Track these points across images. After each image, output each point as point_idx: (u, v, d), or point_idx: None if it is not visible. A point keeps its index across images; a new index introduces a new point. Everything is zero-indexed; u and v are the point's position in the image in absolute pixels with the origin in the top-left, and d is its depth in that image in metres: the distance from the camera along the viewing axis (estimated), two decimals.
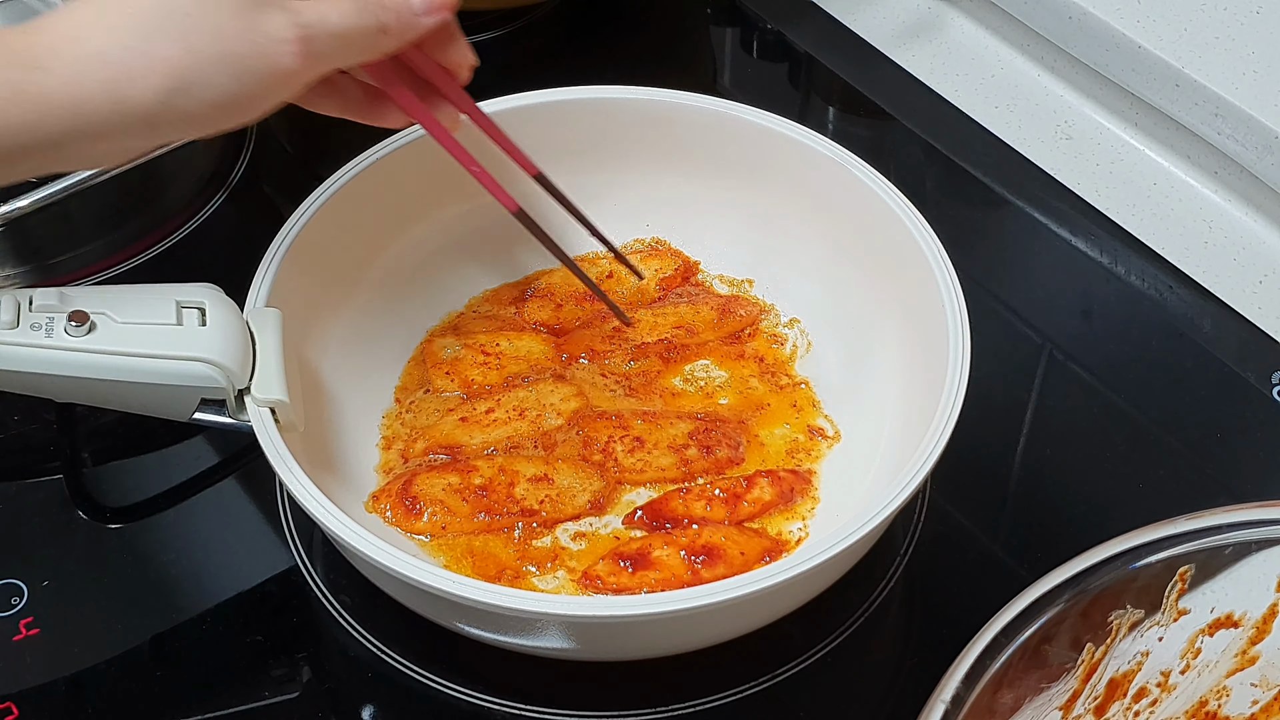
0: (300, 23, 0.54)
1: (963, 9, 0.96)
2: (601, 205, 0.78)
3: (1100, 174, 0.87)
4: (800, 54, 0.98)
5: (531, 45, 0.98)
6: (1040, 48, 0.92)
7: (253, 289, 0.66)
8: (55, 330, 0.60)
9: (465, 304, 0.77)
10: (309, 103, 0.62)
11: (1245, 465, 0.74)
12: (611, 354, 0.74)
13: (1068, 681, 0.52)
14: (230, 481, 0.73)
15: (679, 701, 0.64)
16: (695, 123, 0.76)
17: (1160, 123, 0.86)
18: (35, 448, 0.75)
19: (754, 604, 0.57)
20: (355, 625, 0.67)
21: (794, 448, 0.71)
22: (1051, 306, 0.83)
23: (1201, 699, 0.56)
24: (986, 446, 0.74)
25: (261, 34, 0.54)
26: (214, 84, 0.53)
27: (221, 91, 0.54)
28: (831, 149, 0.73)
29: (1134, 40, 0.83)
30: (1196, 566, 0.53)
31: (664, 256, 0.79)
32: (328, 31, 0.55)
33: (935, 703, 0.47)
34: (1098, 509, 0.72)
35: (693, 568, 0.65)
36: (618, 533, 0.68)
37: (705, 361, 0.75)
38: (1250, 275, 0.81)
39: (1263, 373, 0.77)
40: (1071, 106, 0.91)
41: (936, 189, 0.89)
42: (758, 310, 0.76)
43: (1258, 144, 0.79)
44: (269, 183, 0.89)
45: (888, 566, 0.69)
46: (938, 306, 0.66)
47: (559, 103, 0.75)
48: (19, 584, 0.67)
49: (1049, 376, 0.79)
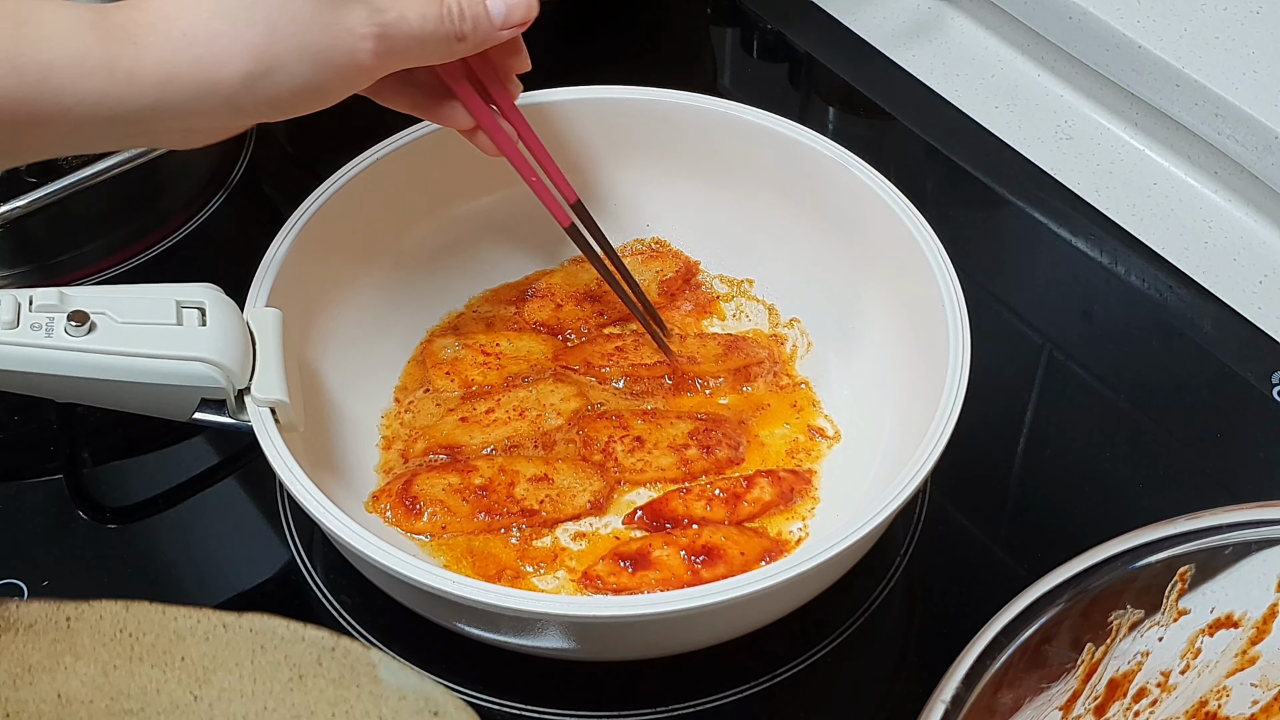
0: (380, 21, 0.57)
1: (963, 9, 0.96)
2: (601, 205, 0.78)
3: (1100, 174, 0.87)
4: (800, 54, 0.98)
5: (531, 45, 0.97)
6: (1040, 48, 0.92)
7: (253, 289, 0.66)
8: (55, 330, 0.60)
9: (465, 304, 0.77)
10: (379, 95, 0.64)
11: (1245, 465, 0.74)
12: (610, 373, 0.74)
13: (1068, 681, 0.52)
14: (230, 481, 0.73)
15: (679, 701, 0.64)
16: (695, 123, 0.76)
17: (1160, 123, 0.86)
18: (35, 448, 0.75)
19: (754, 604, 0.57)
20: (355, 625, 0.67)
21: (794, 448, 0.71)
22: (1051, 306, 0.83)
23: (1201, 699, 0.56)
24: (986, 446, 0.74)
25: (342, 28, 0.56)
26: (294, 71, 0.56)
27: (301, 79, 0.56)
28: (831, 149, 0.73)
29: (1134, 40, 0.83)
30: (1196, 566, 0.53)
31: (664, 258, 0.79)
32: (405, 32, 0.58)
33: (935, 703, 0.47)
34: (1098, 509, 0.72)
35: (693, 568, 0.65)
36: (618, 533, 0.68)
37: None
38: (1250, 275, 0.81)
39: (1263, 373, 0.77)
40: (1071, 106, 0.91)
41: (936, 189, 0.89)
42: (764, 353, 0.75)
43: (1258, 144, 0.79)
44: (269, 183, 0.89)
45: (888, 566, 0.69)
46: (938, 306, 0.66)
47: (559, 103, 0.75)
48: (19, 584, 0.67)
49: (1049, 376, 0.79)
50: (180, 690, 0.48)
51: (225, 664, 0.48)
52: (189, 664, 0.48)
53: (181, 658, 0.48)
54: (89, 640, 0.48)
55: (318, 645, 0.47)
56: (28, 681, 0.46)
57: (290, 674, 0.47)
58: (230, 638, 0.48)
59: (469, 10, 0.60)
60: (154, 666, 0.48)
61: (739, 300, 0.78)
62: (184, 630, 0.48)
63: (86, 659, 0.48)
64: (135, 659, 0.48)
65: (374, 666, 0.47)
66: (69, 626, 0.48)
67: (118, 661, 0.48)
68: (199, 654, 0.48)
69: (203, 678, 0.48)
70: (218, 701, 0.47)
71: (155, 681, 0.48)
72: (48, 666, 0.48)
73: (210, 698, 0.48)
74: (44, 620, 0.48)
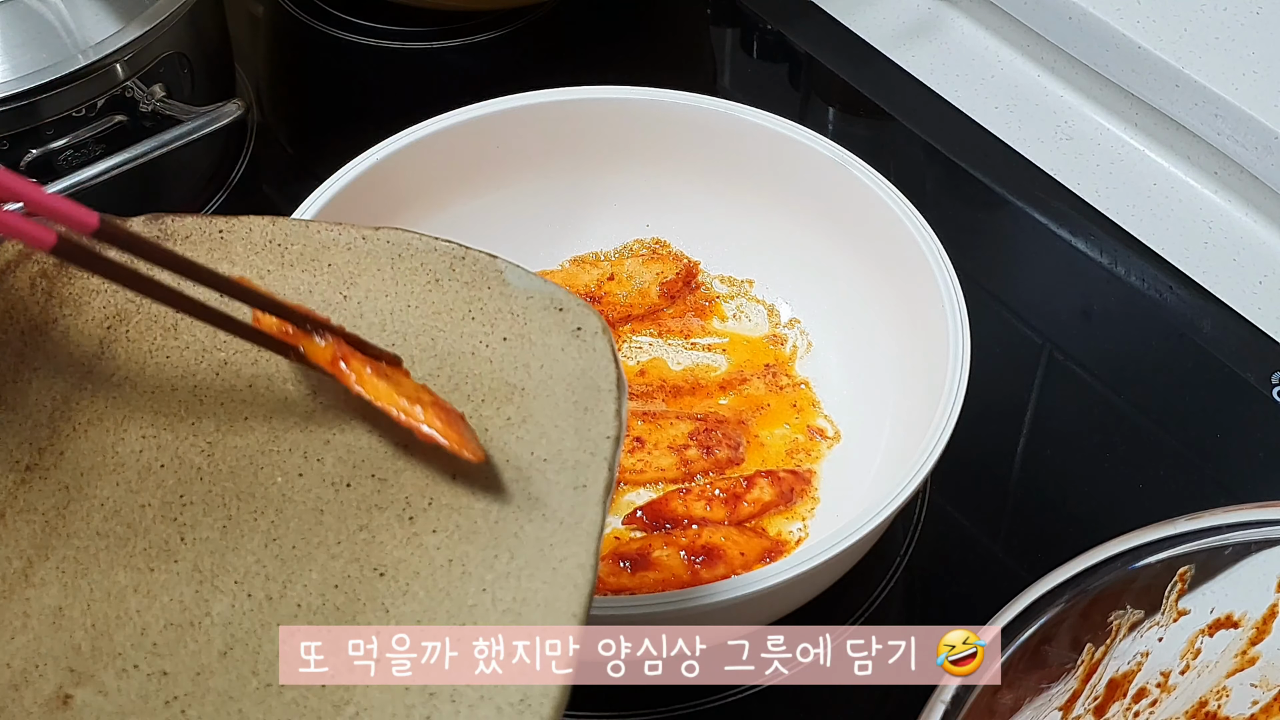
0: None
1: (963, 9, 0.96)
2: (601, 205, 0.78)
3: (1100, 174, 0.87)
4: (800, 54, 0.98)
5: (531, 45, 0.97)
6: (1040, 48, 0.92)
7: None
8: None
9: None
10: None
11: (1245, 465, 0.74)
12: None
13: (1068, 682, 0.52)
14: None
15: (679, 701, 0.64)
16: (695, 123, 0.76)
17: (1160, 123, 0.86)
18: None
19: (754, 604, 0.57)
20: None
21: (794, 448, 0.71)
22: (1051, 306, 0.83)
23: (1201, 699, 0.56)
24: (986, 446, 0.74)
25: None
26: None
27: None
28: (831, 149, 0.73)
29: (1134, 40, 0.83)
30: (1196, 567, 0.53)
31: (665, 260, 0.79)
32: None
33: (935, 703, 0.47)
34: (1098, 509, 0.72)
35: (693, 568, 0.65)
36: (618, 533, 0.68)
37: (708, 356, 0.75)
38: (1250, 276, 0.81)
39: (1263, 373, 0.77)
40: (1071, 107, 0.91)
41: (936, 189, 0.89)
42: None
43: (1258, 144, 0.79)
44: (269, 183, 0.89)
45: (888, 566, 0.69)
46: (938, 306, 0.66)
47: (559, 103, 0.75)
48: None
49: (1049, 376, 0.79)
50: (331, 290, 0.51)
51: (368, 269, 0.51)
52: (335, 269, 0.51)
53: (328, 264, 0.51)
54: (242, 249, 0.52)
55: (449, 254, 0.51)
56: (190, 284, 0.47)
57: (427, 277, 0.51)
58: (370, 247, 0.51)
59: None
60: (304, 271, 0.51)
61: (739, 301, 0.78)
62: (327, 241, 0.51)
63: (241, 265, 0.51)
64: (286, 265, 0.51)
65: (501, 272, 0.50)
66: (222, 238, 0.52)
67: (270, 268, 0.51)
68: (343, 261, 0.51)
69: (349, 280, 0.51)
70: (365, 300, 0.51)
71: (306, 284, 0.51)
72: None
73: (358, 296, 0.51)
74: (199, 232, 0.52)
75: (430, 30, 0.97)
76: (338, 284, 0.51)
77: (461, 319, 0.50)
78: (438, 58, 0.96)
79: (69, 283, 0.51)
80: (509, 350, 0.49)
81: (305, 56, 0.98)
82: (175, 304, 0.46)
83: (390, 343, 0.50)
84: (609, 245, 0.79)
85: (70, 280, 0.51)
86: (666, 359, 0.75)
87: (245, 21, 0.99)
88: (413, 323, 0.50)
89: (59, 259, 0.50)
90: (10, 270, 0.51)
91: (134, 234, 0.44)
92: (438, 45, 0.96)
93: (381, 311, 0.51)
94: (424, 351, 0.50)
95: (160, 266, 0.45)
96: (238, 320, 0.48)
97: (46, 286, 0.51)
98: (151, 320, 0.51)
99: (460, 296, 0.50)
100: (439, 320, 0.50)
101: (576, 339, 0.48)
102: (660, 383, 0.74)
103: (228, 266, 0.51)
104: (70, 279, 0.51)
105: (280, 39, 1.00)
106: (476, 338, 0.49)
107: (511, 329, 0.49)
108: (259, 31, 1.00)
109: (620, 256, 0.79)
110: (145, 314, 0.51)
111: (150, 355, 0.51)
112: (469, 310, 0.50)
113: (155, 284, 0.45)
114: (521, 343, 0.49)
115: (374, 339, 0.49)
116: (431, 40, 0.96)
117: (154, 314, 0.51)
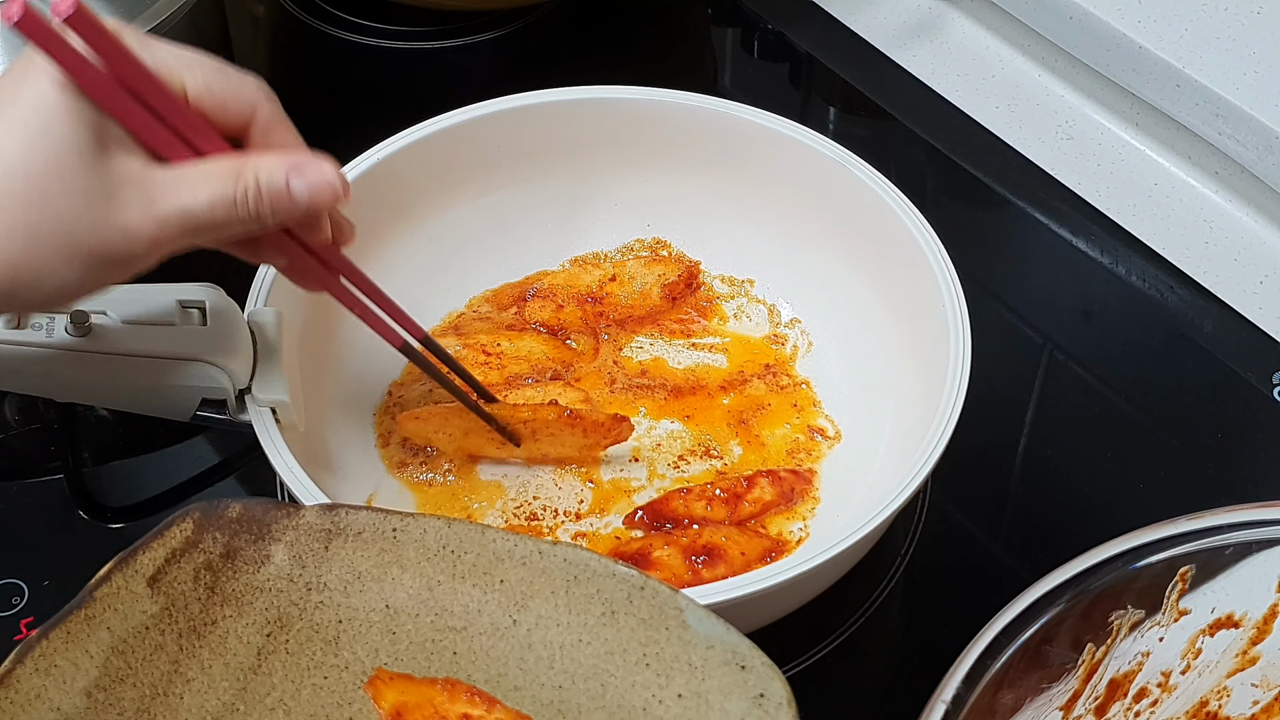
0: (157, 214, 0.51)
1: (963, 9, 0.96)
2: (601, 205, 0.78)
3: (1100, 174, 0.87)
4: (801, 54, 0.98)
5: (531, 45, 0.98)
6: (1040, 48, 0.92)
7: (253, 289, 0.66)
8: (56, 330, 0.60)
9: (465, 304, 0.77)
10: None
11: (1245, 465, 0.74)
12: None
13: (1068, 682, 0.52)
14: (230, 481, 0.73)
15: None
16: (695, 123, 0.76)
17: (1161, 123, 0.86)
18: (35, 448, 0.75)
19: (754, 604, 0.57)
20: None
21: (794, 448, 0.71)
22: (1051, 306, 0.83)
23: (1202, 699, 0.56)
24: (986, 446, 0.74)
25: (114, 226, 0.51)
26: (62, 275, 0.51)
27: (73, 281, 0.51)
28: (832, 149, 0.73)
29: (1134, 40, 0.83)
30: (1197, 567, 0.53)
31: (667, 263, 0.79)
32: (191, 221, 0.52)
33: (935, 703, 0.47)
34: (1098, 509, 0.72)
35: (693, 568, 0.65)
36: (618, 533, 0.68)
37: (709, 356, 0.75)
38: (1250, 275, 0.81)
39: (1263, 373, 0.77)
40: (1071, 106, 0.91)
41: (936, 189, 0.89)
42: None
43: (1258, 144, 0.79)
44: None
45: (888, 566, 0.69)
46: (938, 306, 0.66)
47: (559, 103, 0.75)
48: (19, 584, 0.67)
49: (1049, 376, 0.79)
50: (500, 613, 0.48)
51: (541, 591, 0.48)
52: (507, 587, 0.48)
53: (501, 580, 0.48)
54: (414, 554, 0.49)
55: (628, 583, 0.47)
56: (358, 589, 0.46)
57: (603, 608, 0.47)
58: (545, 565, 0.48)
59: (267, 191, 0.53)
60: (475, 586, 0.48)
61: (740, 301, 0.78)
62: (502, 552, 0.48)
63: (412, 572, 0.49)
64: (457, 577, 0.49)
65: (681, 611, 0.47)
66: (395, 538, 0.49)
67: (441, 578, 0.49)
68: (517, 578, 0.48)
69: (521, 603, 0.48)
70: (535, 628, 0.48)
71: (476, 601, 0.48)
72: (376, 576, 0.48)
73: (529, 623, 0.48)
74: (371, 529, 0.49)
75: (430, 30, 0.97)
76: (508, 605, 0.48)
77: (635, 664, 0.46)
78: (438, 58, 0.96)
79: (233, 578, 0.49)
80: (683, 711, 0.45)
81: (305, 56, 0.98)
82: None
83: (558, 684, 0.47)
84: (609, 245, 0.79)
85: (235, 574, 0.49)
86: (668, 359, 0.75)
87: (245, 21, 0.99)
88: (584, 662, 0.47)
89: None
90: (175, 561, 0.48)
91: None
92: (438, 45, 0.96)
93: (551, 644, 0.47)
94: (592, 700, 0.47)
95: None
96: None
97: (210, 581, 0.48)
98: (313, 630, 0.48)
99: (636, 637, 0.47)
100: (611, 663, 0.47)
101: (758, 707, 0.44)
102: (662, 382, 0.74)
103: (398, 571, 0.49)
104: (235, 573, 0.49)
105: (280, 39, 1.00)
106: (650, 690, 0.46)
107: (688, 685, 0.45)
108: (259, 31, 1.00)
109: (621, 257, 0.79)
110: (308, 621, 0.49)
111: (307, 675, 0.48)
112: (644, 655, 0.46)
113: None
114: (697, 703, 0.45)
115: (540, 677, 0.46)
116: (431, 40, 0.96)
117: (316, 622, 0.48)
